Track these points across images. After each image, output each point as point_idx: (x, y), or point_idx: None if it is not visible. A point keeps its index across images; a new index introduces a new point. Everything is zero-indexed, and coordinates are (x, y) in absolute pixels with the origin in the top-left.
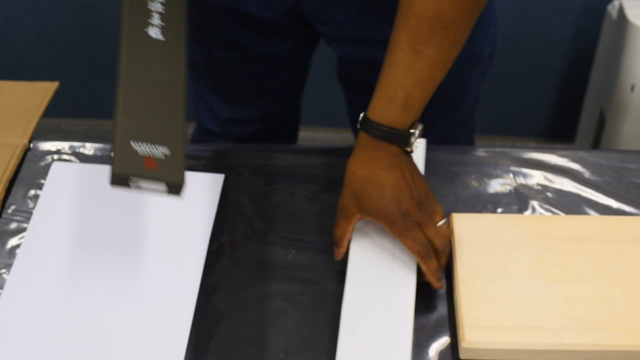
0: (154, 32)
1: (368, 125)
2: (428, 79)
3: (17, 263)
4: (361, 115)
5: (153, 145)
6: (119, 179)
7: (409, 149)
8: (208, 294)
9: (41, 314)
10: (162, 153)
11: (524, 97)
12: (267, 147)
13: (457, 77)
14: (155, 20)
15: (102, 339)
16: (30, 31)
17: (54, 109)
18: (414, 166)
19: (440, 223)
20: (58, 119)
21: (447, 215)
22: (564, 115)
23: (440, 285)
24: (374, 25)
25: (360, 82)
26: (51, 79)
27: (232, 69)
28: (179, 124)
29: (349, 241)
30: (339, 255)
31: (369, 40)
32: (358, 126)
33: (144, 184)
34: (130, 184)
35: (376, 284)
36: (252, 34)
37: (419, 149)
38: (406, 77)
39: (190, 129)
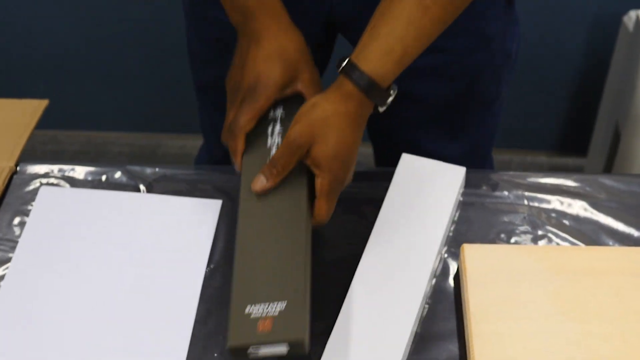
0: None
1: (353, 73)
2: (427, 38)
3: (1, 295)
4: (346, 59)
5: (269, 304)
6: (236, 352)
7: (380, 109)
8: (202, 320)
9: (27, 350)
10: (278, 310)
11: (536, 109)
12: None
13: (491, 76)
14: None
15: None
16: (27, 41)
17: (50, 121)
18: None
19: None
20: (54, 130)
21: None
22: (576, 128)
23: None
24: None
25: None
26: (47, 89)
27: None
28: (299, 274)
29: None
30: (261, 188)
31: None
32: (339, 70)
33: (263, 349)
34: (249, 353)
35: (380, 298)
36: None
37: (457, 177)
38: (408, 31)
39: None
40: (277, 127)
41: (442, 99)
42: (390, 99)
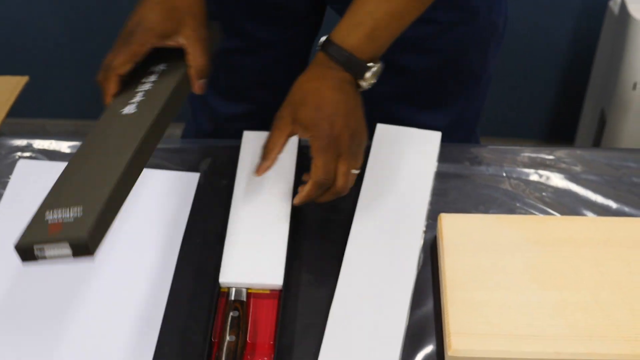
0: (128, 109)
1: (328, 47)
2: (399, 15)
3: None
4: (323, 37)
5: (66, 209)
6: (23, 252)
7: (361, 82)
8: (177, 295)
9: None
10: (72, 216)
11: (522, 97)
12: None
13: (477, 49)
14: (137, 98)
15: (65, 337)
16: (14, 30)
17: (38, 109)
18: (359, 100)
19: (354, 171)
20: (42, 119)
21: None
22: (563, 116)
23: (295, 202)
24: None
25: None
26: (35, 78)
27: (237, 59)
28: (105, 186)
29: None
30: (260, 170)
31: None
32: (318, 47)
33: (48, 250)
34: (36, 254)
35: (370, 283)
36: (261, 21)
37: (433, 142)
38: (378, 6)
39: (179, 129)
40: (152, 77)
41: (427, 71)
42: (369, 73)
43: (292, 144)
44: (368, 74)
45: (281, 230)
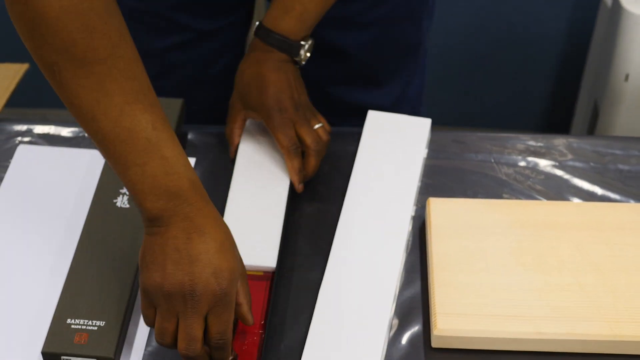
0: (120, 201)
1: (262, 32)
2: None
3: None
4: (257, 22)
5: (88, 320)
6: (49, 358)
7: (297, 59)
8: None
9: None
10: (96, 325)
11: (517, 89)
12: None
13: (410, 23)
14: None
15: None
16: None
17: (39, 99)
18: (298, 75)
19: (316, 126)
20: (43, 109)
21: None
22: (558, 108)
23: (299, 188)
24: None
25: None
26: (36, 67)
27: (174, 57)
28: (122, 299)
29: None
30: (231, 153)
31: None
32: (253, 34)
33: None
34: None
35: (359, 266)
36: (195, 12)
37: (423, 129)
38: None
39: None
40: None
41: (363, 49)
42: (303, 50)
43: None
44: (302, 51)
45: (277, 215)
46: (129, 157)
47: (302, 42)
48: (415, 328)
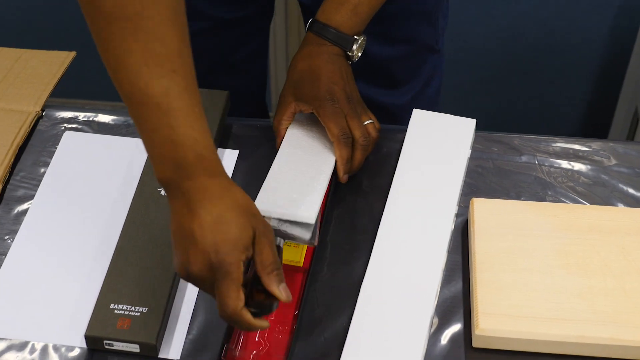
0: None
1: (315, 26)
2: None
3: (23, 230)
4: (311, 19)
5: (131, 306)
6: (92, 341)
7: (350, 54)
8: None
9: (43, 281)
10: (139, 311)
11: (558, 94)
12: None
13: (428, 23)
14: None
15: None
16: (60, 14)
17: (79, 91)
18: (350, 70)
19: (366, 122)
20: (82, 100)
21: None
22: (597, 113)
23: (344, 179)
24: None
25: None
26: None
27: (199, 43)
28: (165, 288)
29: (286, 130)
30: (277, 145)
31: None
32: (306, 28)
33: (117, 345)
34: (105, 346)
35: (402, 263)
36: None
37: (467, 129)
38: None
39: None
40: None
41: (382, 50)
42: (356, 45)
43: None
44: (355, 46)
45: (321, 178)
46: (141, 120)
47: (356, 37)
48: (456, 327)
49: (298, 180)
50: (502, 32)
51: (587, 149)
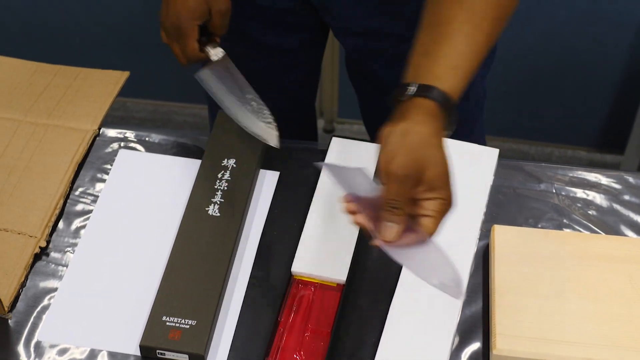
0: (212, 210)
1: (431, 92)
2: (482, 51)
3: (82, 243)
4: (409, 85)
5: (180, 319)
6: (146, 350)
7: (451, 126)
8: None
9: (101, 293)
10: (189, 323)
11: (578, 106)
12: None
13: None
14: (217, 198)
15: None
16: (100, 14)
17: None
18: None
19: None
20: (123, 98)
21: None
22: (616, 126)
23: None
24: (382, 18)
25: (367, 75)
26: (120, 61)
27: (246, 62)
28: (212, 300)
29: None
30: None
31: (377, 33)
32: (403, 95)
33: (168, 354)
34: (158, 355)
35: (427, 285)
36: (264, 25)
37: (491, 158)
38: (467, 47)
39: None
40: (226, 174)
41: None
42: (454, 117)
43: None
44: (453, 119)
45: (352, 234)
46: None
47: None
48: (475, 345)
49: (331, 234)
50: (524, 49)
51: (601, 179)
